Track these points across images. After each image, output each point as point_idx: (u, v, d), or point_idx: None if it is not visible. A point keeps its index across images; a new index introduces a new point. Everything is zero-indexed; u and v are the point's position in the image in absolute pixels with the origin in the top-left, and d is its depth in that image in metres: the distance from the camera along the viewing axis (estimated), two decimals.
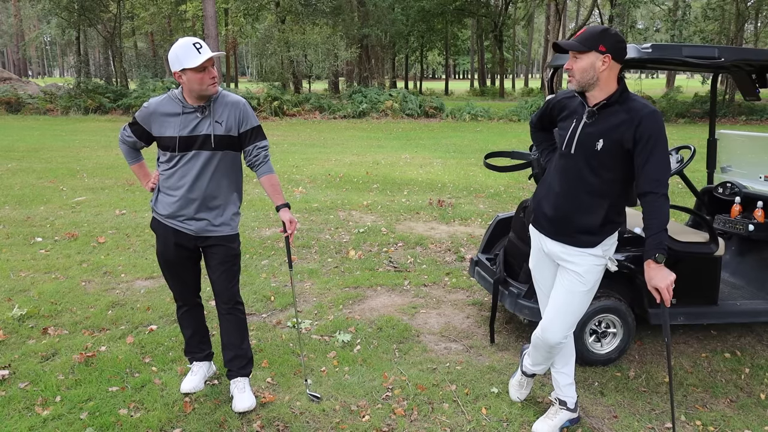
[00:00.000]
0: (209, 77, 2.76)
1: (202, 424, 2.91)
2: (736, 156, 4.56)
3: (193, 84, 2.75)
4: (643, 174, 2.43)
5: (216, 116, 2.86)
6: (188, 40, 2.75)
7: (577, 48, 2.44)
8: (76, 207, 7.55)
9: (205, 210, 2.92)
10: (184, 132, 2.82)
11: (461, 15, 40.15)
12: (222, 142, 2.88)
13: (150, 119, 2.87)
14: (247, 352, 3.15)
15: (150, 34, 41.39)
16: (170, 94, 2.89)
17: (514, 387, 3.18)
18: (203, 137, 2.84)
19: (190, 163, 2.85)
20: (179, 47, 2.73)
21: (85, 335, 3.88)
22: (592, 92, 2.51)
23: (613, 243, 2.71)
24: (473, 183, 9.66)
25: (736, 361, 3.67)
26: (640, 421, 3.02)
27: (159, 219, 2.99)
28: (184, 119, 2.82)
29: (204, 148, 2.84)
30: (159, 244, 3.03)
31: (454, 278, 5.12)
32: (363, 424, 2.94)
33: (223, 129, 2.87)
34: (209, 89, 2.78)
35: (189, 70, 2.71)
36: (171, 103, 2.85)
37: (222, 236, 2.98)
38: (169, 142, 2.83)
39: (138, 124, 2.92)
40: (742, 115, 21.81)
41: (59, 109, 21.95)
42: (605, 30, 2.45)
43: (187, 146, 2.83)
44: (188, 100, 2.83)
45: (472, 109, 22.50)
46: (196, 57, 2.69)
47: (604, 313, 3.48)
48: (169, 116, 2.83)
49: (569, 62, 2.50)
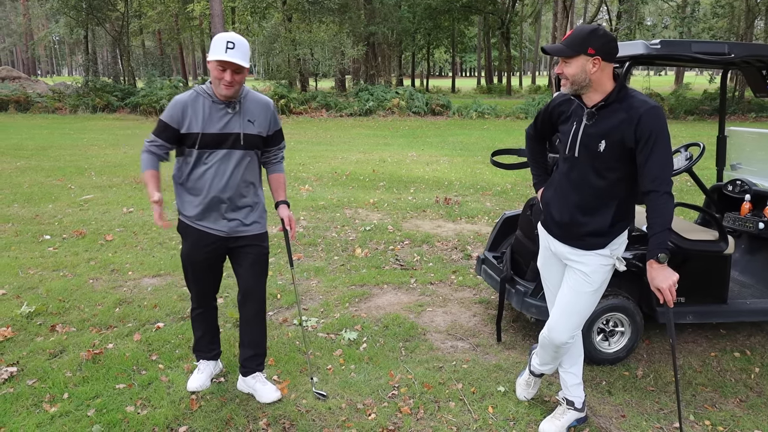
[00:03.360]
0: (225, 79, 2.68)
1: (208, 422, 2.92)
2: (746, 153, 4.51)
3: (212, 74, 2.71)
4: (645, 172, 2.39)
5: (248, 115, 2.82)
6: (227, 36, 2.68)
7: (565, 53, 2.39)
8: (84, 205, 7.59)
9: (235, 210, 2.88)
10: (214, 129, 2.76)
11: (468, 12, 39.99)
12: (252, 141, 2.85)
13: (179, 115, 2.76)
14: (265, 350, 3.22)
15: (157, 32, 41.59)
16: (197, 89, 2.82)
17: (521, 386, 3.17)
18: (234, 136, 2.79)
19: (221, 162, 2.79)
20: (216, 39, 2.69)
21: (92, 332, 3.89)
22: (588, 94, 2.48)
23: (623, 242, 2.68)
24: (480, 181, 9.63)
25: (746, 361, 3.64)
26: (648, 420, 3.00)
27: (187, 222, 2.91)
28: (213, 115, 2.76)
29: (235, 146, 2.80)
30: (186, 246, 2.96)
31: (461, 276, 5.10)
32: (369, 423, 2.93)
33: (255, 129, 2.84)
34: (221, 88, 2.72)
35: (212, 60, 2.67)
36: (199, 99, 2.78)
37: (254, 235, 2.96)
38: (198, 139, 2.75)
39: (166, 125, 2.79)
40: (752, 112, 21.62)
41: (68, 107, 22.06)
42: (593, 31, 2.40)
43: (218, 144, 2.77)
44: (217, 94, 2.76)
45: (479, 106, 22.43)
46: (220, 54, 2.64)
47: (612, 311, 3.45)
48: (198, 111, 2.76)
49: (559, 66, 2.45)
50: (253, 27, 37.06)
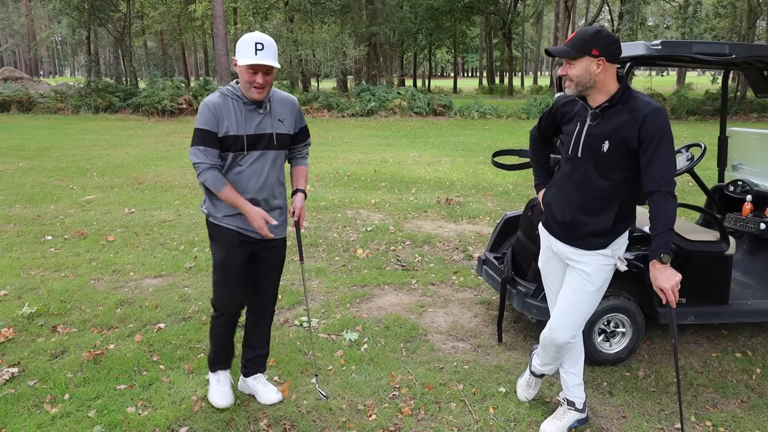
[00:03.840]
0: (257, 83, 2.63)
1: (209, 423, 2.92)
2: (748, 154, 4.50)
3: (242, 81, 2.67)
4: (648, 173, 2.40)
5: (277, 115, 2.80)
6: (255, 37, 2.62)
7: (569, 54, 2.39)
8: (86, 205, 7.60)
9: (269, 211, 2.83)
10: (249, 130, 2.71)
11: (470, 12, 39.98)
12: (283, 140, 2.83)
13: (215, 119, 2.67)
14: (269, 351, 3.21)
15: (159, 33, 41.62)
16: (223, 90, 2.74)
17: (522, 387, 3.16)
18: (267, 136, 2.76)
19: (257, 163, 2.76)
20: (244, 40, 2.63)
21: (93, 333, 3.90)
22: (592, 95, 2.48)
23: (624, 242, 2.69)
24: (481, 181, 9.63)
25: (747, 361, 3.63)
26: (649, 421, 2.99)
27: (218, 222, 2.82)
28: (246, 116, 2.71)
29: (269, 147, 2.77)
30: (221, 251, 2.84)
31: (462, 277, 5.10)
32: (370, 423, 2.93)
33: (285, 128, 2.83)
34: (253, 92, 2.66)
35: (242, 65, 2.62)
36: (227, 100, 2.71)
37: (281, 239, 2.95)
38: (235, 141, 2.69)
39: (208, 132, 2.66)
40: (754, 113, 21.58)
41: (70, 108, 22.09)
42: (597, 32, 2.40)
43: (254, 145, 2.73)
44: (248, 97, 2.71)
45: (481, 107, 22.41)
46: (250, 57, 2.59)
47: (613, 312, 3.45)
48: (230, 113, 2.69)
49: (563, 68, 2.46)
50: (255, 27, 37.09)
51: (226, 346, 3.08)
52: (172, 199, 8.00)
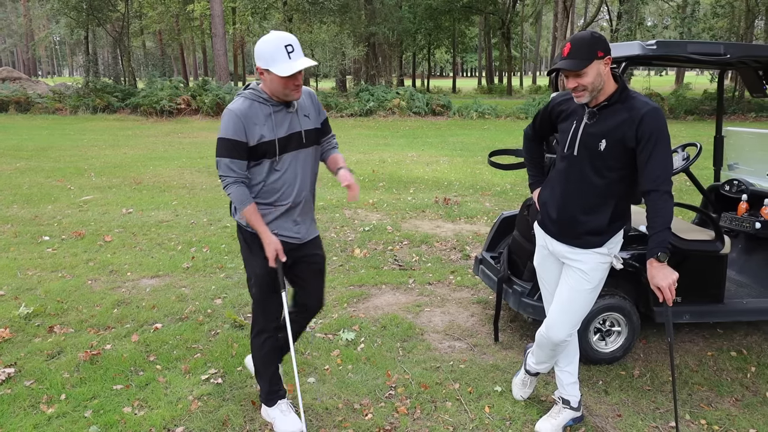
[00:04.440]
0: (294, 84, 2.50)
1: (205, 422, 2.92)
2: (744, 153, 4.52)
3: (276, 86, 2.50)
4: (646, 172, 2.41)
5: (303, 111, 2.68)
6: (280, 38, 2.45)
7: (581, 66, 2.37)
8: (84, 206, 7.60)
9: (305, 213, 2.74)
10: (282, 132, 2.58)
11: (469, 12, 39.99)
12: (312, 136, 2.71)
13: (245, 128, 2.51)
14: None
15: (158, 33, 41.62)
16: (245, 95, 2.58)
17: (517, 385, 3.17)
18: (297, 135, 2.64)
19: (293, 165, 2.64)
20: (270, 46, 2.44)
21: (90, 333, 3.90)
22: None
23: (619, 241, 2.70)
24: (480, 181, 9.64)
25: (743, 360, 3.64)
26: (644, 420, 3.00)
27: (255, 231, 2.63)
28: (275, 118, 2.57)
29: (300, 146, 2.65)
30: (259, 260, 2.66)
31: (459, 276, 5.10)
32: (366, 423, 2.94)
33: (311, 123, 2.71)
34: (292, 95, 2.54)
35: (281, 75, 2.43)
36: (254, 105, 2.55)
37: (315, 239, 2.84)
38: (269, 147, 2.55)
39: (237, 142, 2.50)
40: (752, 112, 21.61)
41: (68, 108, 22.08)
42: (593, 35, 2.43)
43: (287, 147, 2.61)
44: (272, 96, 2.57)
45: (480, 106, 22.42)
46: (287, 64, 2.43)
47: (609, 311, 3.46)
48: (260, 118, 2.54)
49: (572, 81, 2.42)
50: (253, 27, 37.08)
51: (277, 369, 2.91)
52: (170, 200, 8.00)
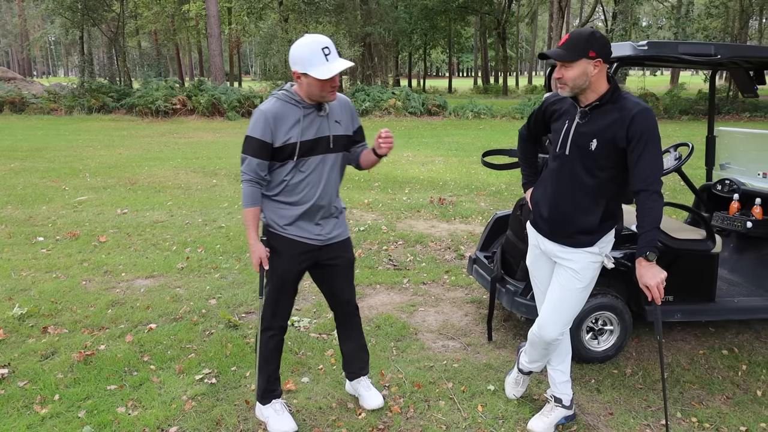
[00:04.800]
0: (331, 86, 2.54)
1: (198, 422, 2.93)
2: (736, 153, 4.55)
3: (313, 89, 2.54)
4: (636, 172, 2.43)
5: (334, 116, 2.71)
6: (316, 41, 2.48)
7: (567, 58, 2.40)
8: (78, 206, 7.59)
9: (328, 216, 2.78)
10: (309, 135, 2.61)
11: (464, 12, 40.02)
12: (341, 142, 2.74)
13: (273, 128, 2.56)
14: (368, 354, 3.14)
15: (154, 33, 41.54)
16: (278, 95, 2.61)
17: (510, 384, 3.19)
18: (325, 139, 2.66)
19: (318, 169, 2.67)
20: (306, 49, 2.47)
21: (84, 334, 3.90)
22: (584, 94, 2.50)
23: (610, 240, 2.72)
24: (475, 181, 9.66)
25: (734, 358, 3.67)
26: (635, 418, 3.02)
27: (277, 232, 2.72)
28: (305, 121, 2.60)
29: (327, 150, 2.68)
30: (279, 261, 2.73)
31: (453, 276, 5.12)
32: (359, 422, 2.95)
33: (342, 129, 2.73)
34: (328, 96, 2.58)
35: (319, 78, 2.47)
36: (286, 106, 2.59)
37: (342, 242, 2.86)
38: (295, 148, 2.59)
39: (263, 143, 2.56)
40: (746, 112, 21.70)
41: (63, 108, 22.02)
42: (592, 34, 2.42)
43: (312, 150, 2.63)
44: (304, 98, 2.61)
45: (475, 106, 22.47)
46: (324, 67, 2.46)
47: (601, 310, 3.48)
48: (289, 120, 2.58)
49: (558, 71, 2.46)
50: (249, 28, 37.05)
51: (276, 369, 2.93)
52: (165, 200, 8.00)
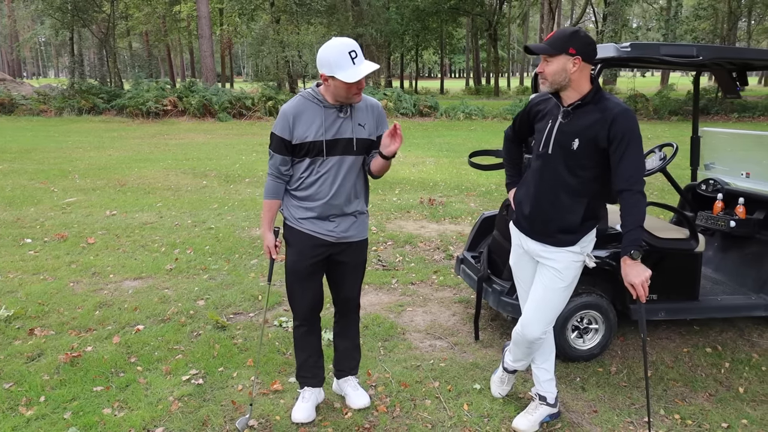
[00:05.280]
0: (357, 87, 2.58)
1: (185, 423, 2.93)
2: (720, 153, 4.60)
3: (340, 92, 2.59)
4: (619, 172, 2.47)
5: (358, 119, 2.72)
6: (343, 45, 2.52)
7: (548, 51, 2.47)
8: (67, 208, 7.56)
9: (343, 215, 2.80)
10: (328, 135, 2.66)
11: (456, 14, 40.11)
12: (363, 145, 2.75)
13: (292, 126, 2.64)
14: (359, 354, 3.19)
15: (145, 34, 41.38)
16: (303, 94, 2.69)
17: (495, 383, 3.21)
18: (346, 141, 2.69)
19: (334, 168, 2.70)
20: (333, 51, 2.52)
21: (71, 336, 3.89)
22: (566, 93, 2.55)
23: (592, 240, 2.75)
24: (465, 182, 9.69)
25: (717, 356, 3.71)
26: (619, 415, 3.05)
27: (292, 225, 2.80)
28: (325, 120, 2.65)
29: (347, 152, 2.71)
30: (292, 254, 2.83)
31: (442, 276, 5.14)
32: (345, 421, 2.97)
33: (366, 132, 2.75)
34: (354, 98, 2.63)
35: (346, 81, 2.52)
36: (308, 104, 2.66)
37: (359, 241, 2.90)
38: (312, 146, 2.65)
39: (282, 139, 2.65)
40: (735, 113, 21.86)
41: (53, 110, 21.88)
42: (575, 32, 2.48)
43: (331, 150, 2.67)
44: (327, 99, 2.66)
45: (467, 107, 22.52)
46: (352, 70, 2.51)
47: (586, 309, 3.51)
48: (309, 118, 2.64)
49: (541, 65, 2.53)
50: (241, 29, 37.00)
51: (311, 359, 3.01)
52: (155, 201, 7.98)
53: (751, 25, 36.82)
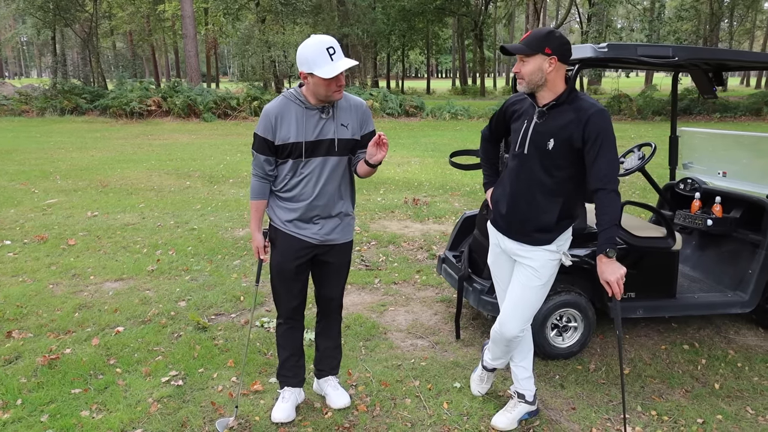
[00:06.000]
0: (336, 84, 2.58)
1: (163, 424, 2.92)
2: (698, 153, 4.66)
3: (319, 89, 2.58)
4: (593, 171, 2.50)
5: (341, 119, 2.71)
6: (321, 42, 2.52)
7: (524, 51, 2.49)
8: (47, 209, 7.48)
9: (327, 217, 2.80)
10: (310, 136, 2.65)
11: (442, 14, 40.19)
12: (346, 146, 2.75)
13: (275, 126, 2.64)
14: (340, 354, 3.19)
15: (129, 33, 41.01)
16: (286, 94, 2.69)
17: (475, 381, 3.23)
18: (328, 142, 2.68)
19: (317, 170, 2.70)
20: (311, 49, 2.52)
21: (50, 338, 3.86)
22: (541, 93, 2.57)
23: (568, 238, 2.77)
24: (450, 181, 9.73)
25: (694, 353, 3.76)
26: (597, 412, 3.08)
27: (277, 226, 2.81)
28: (307, 121, 2.65)
29: (330, 153, 2.70)
30: (276, 254, 2.84)
31: (425, 276, 5.16)
32: (325, 421, 2.97)
33: (348, 133, 2.74)
34: (334, 96, 2.62)
35: (324, 77, 2.52)
36: (290, 105, 2.66)
37: (342, 244, 2.90)
38: (294, 148, 2.65)
39: (264, 139, 2.66)
40: (717, 113, 22.14)
41: (35, 110, 21.63)
42: (550, 32, 2.51)
43: (313, 152, 2.67)
44: (309, 99, 2.66)
45: (452, 107, 22.60)
46: (329, 66, 2.51)
47: (565, 307, 3.54)
48: (291, 119, 2.64)
49: (517, 65, 2.55)
50: (226, 28, 36.77)
51: (292, 358, 3.01)
52: (137, 202, 7.92)
53: (733, 26, 37.30)
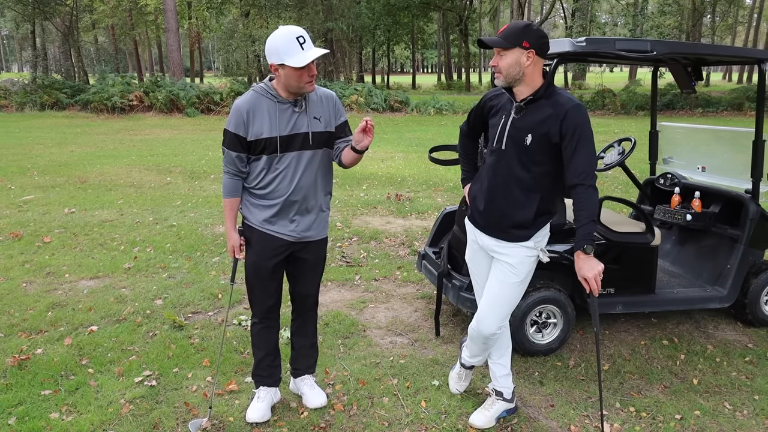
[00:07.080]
0: (308, 75, 2.53)
1: (135, 426, 2.85)
2: (677, 147, 4.66)
3: (291, 80, 2.54)
4: (571, 167, 2.47)
5: (313, 112, 2.67)
6: (291, 31, 2.48)
7: (502, 44, 2.44)
8: (24, 206, 7.33)
9: (304, 213, 2.75)
10: (284, 131, 2.60)
11: (427, 8, 40.10)
12: (321, 139, 2.70)
13: (247, 122, 2.58)
14: (316, 353, 3.15)
15: (111, 27, 40.42)
16: (256, 89, 2.63)
17: (453, 379, 3.20)
18: (302, 135, 2.64)
19: (292, 164, 2.65)
20: (280, 39, 2.48)
21: (21, 338, 3.76)
22: (519, 87, 2.53)
23: (545, 235, 2.75)
24: (433, 177, 9.70)
25: (673, 348, 3.76)
26: (576, 409, 3.07)
27: (252, 225, 2.74)
28: (280, 115, 2.60)
29: (304, 147, 2.65)
30: (251, 254, 2.79)
31: (406, 272, 5.12)
32: (301, 421, 2.92)
33: (321, 125, 2.69)
34: (306, 87, 2.57)
35: (294, 67, 2.47)
36: (261, 99, 2.61)
37: (319, 240, 2.86)
38: (268, 143, 2.59)
39: (236, 135, 2.59)
40: (699, 108, 22.34)
41: (14, 105, 21.24)
42: (528, 26, 2.47)
43: (288, 146, 2.62)
44: (281, 93, 2.61)
45: (437, 102, 22.59)
46: (300, 55, 2.46)
47: (545, 303, 3.52)
48: (263, 114, 2.59)
49: (495, 59, 2.51)
50: (210, 23, 36.38)
51: (267, 358, 2.97)
52: (116, 198, 7.79)
53: (715, 22, 37.65)
